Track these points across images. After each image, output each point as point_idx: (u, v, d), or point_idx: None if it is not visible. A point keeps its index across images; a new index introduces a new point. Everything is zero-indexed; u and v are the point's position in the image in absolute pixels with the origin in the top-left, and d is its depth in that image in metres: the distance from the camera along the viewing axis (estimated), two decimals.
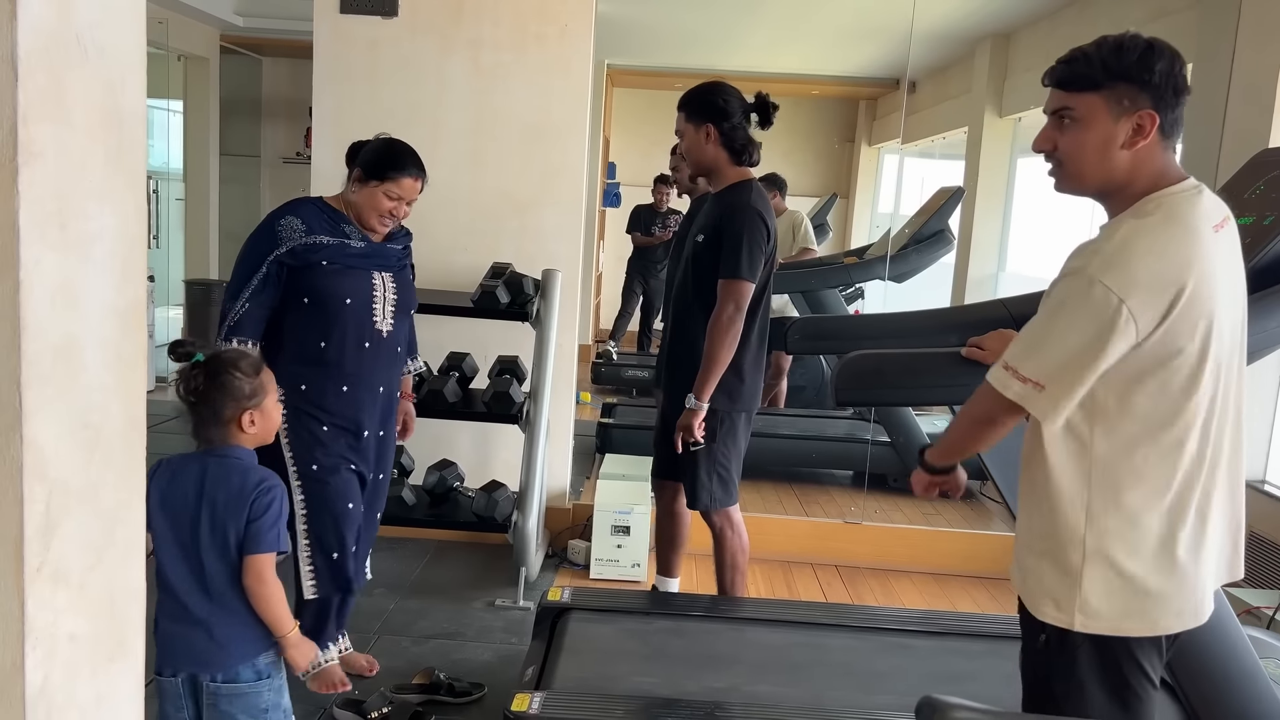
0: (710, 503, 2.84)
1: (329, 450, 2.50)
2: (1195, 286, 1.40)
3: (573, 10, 3.65)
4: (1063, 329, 1.45)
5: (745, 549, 2.94)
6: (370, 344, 2.51)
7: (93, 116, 1.01)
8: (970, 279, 6.01)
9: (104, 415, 1.07)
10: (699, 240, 2.77)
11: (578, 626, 2.54)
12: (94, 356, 1.05)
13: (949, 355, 1.86)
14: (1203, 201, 1.48)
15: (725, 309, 2.66)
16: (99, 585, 1.08)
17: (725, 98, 2.75)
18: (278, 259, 2.43)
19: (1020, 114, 5.94)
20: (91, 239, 1.02)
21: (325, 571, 2.52)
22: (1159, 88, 1.45)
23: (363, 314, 2.49)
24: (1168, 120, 1.47)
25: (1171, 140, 1.51)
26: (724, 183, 2.79)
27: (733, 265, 2.65)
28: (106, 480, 1.09)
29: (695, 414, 2.71)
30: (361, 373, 2.51)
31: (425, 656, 2.88)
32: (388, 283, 2.56)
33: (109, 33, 1.03)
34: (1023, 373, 1.48)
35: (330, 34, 3.64)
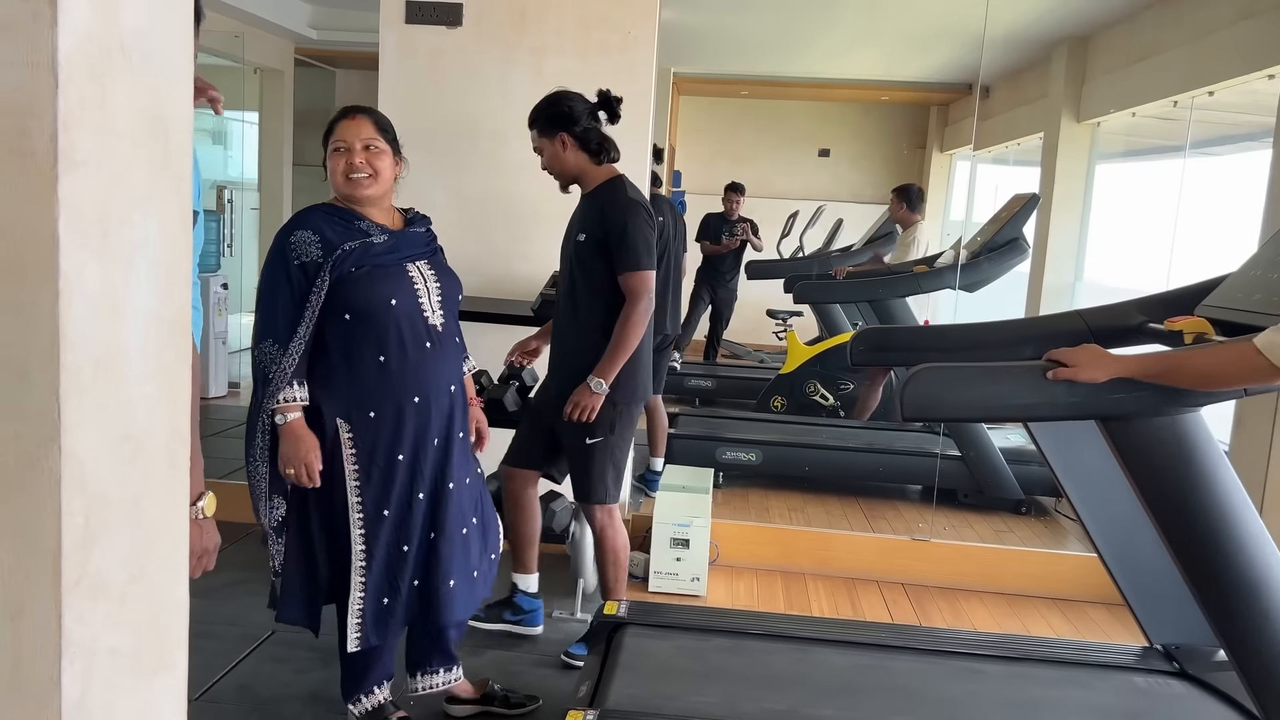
0: (604, 497, 2.87)
1: (394, 481, 2.29)
2: None
3: (636, 17, 3.62)
4: None
5: (626, 545, 2.99)
6: (432, 343, 2.31)
7: (137, 124, 1.00)
8: (1046, 288, 5.83)
9: (147, 427, 1.06)
10: (580, 240, 2.82)
11: (634, 642, 2.50)
12: (137, 367, 1.03)
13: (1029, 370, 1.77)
14: None
15: (640, 302, 2.75)
16: (141, 598, 1.07)
17: (569, 104, 2.83)
18: (320, 280, 2.22)
19: (1099, 119, 5.75)
20: (135, 247, 1.01)
21: (373, 619, 2.31)
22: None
23: (413, 313, 2.28)
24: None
25: None
26: (593, 183, 2.86)
27: (632, 259, 2.73)
28: (149, 492, 1.07)
29: (598, 396, 2.75)
30: (431, 378, 2.31)
31: (481, 668, 2.86)
32: (425, 271, 2.35)
33: (155, 40, 1.01)
34: None
35: (395, 45, 3.67)
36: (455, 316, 2.45)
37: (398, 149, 2.38)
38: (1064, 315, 2.55)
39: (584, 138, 2.83)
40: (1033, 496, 4.67)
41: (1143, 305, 2.44)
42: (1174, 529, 2.02)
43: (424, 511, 2.33)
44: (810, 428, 5.23)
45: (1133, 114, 5.40)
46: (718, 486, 4.59)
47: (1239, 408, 3.47)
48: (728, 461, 4.75)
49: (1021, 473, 4.54)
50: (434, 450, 2.34)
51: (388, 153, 2.33)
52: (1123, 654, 2.62)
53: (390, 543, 2.30)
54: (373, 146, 2.30)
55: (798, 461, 4.83)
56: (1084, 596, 3.75)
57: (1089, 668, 2.54)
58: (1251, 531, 1.89)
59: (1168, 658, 2.52)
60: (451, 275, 2.45)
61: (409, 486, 2.30)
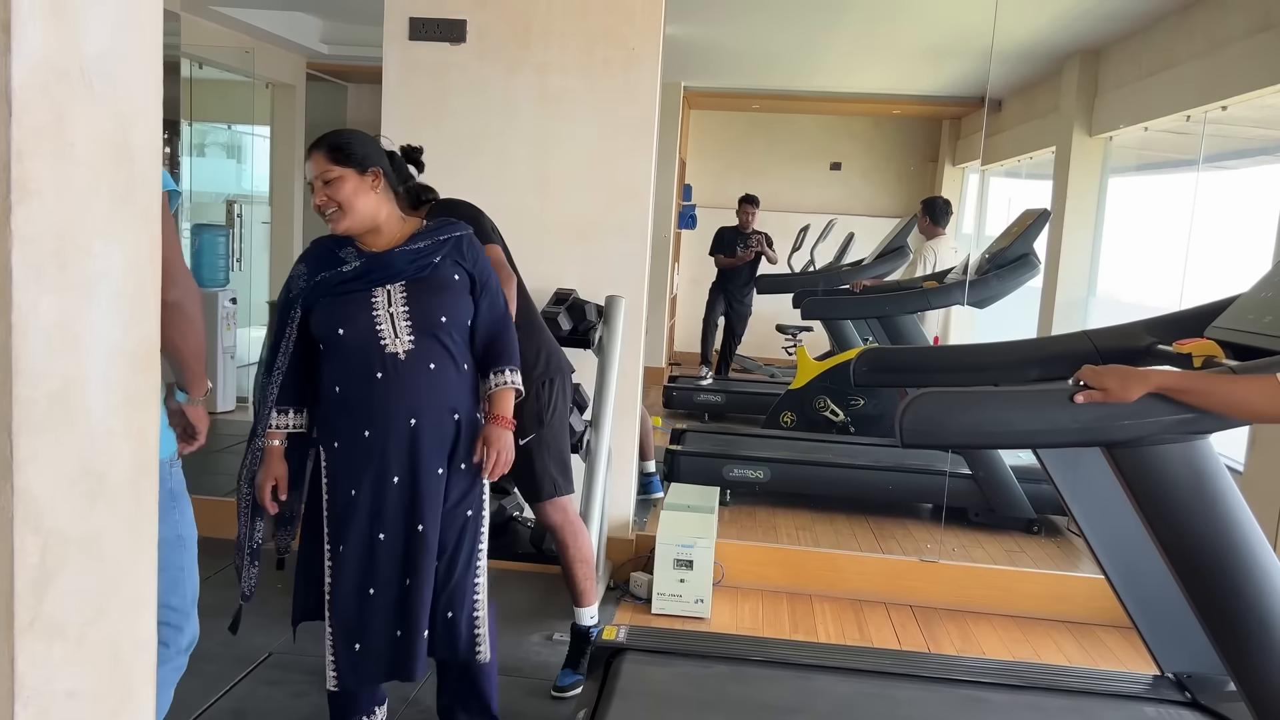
0: (554, 490, 2.81)
1: (350, 519, 2.20)
2: None
3: (640, 34, 3.60)
4: None
5: (589, 539, 2.91)
6: (383, 373, 2.15)
7: (99, 151, 0.97)
8: (1058, 304, 5.76)
9: (109, 461, 1.03)
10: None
11: (633, 668, 2.45)
12: (98, 400, 1.00)
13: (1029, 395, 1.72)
14: None
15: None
16: (101, 638, 1.04)
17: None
18: (292, 313, 2.24)
19: (1112, 133, 5.69)
20: (96, 278, 0.98)
21: (346, 664, 2.22)
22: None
23: (364, 341, 2.14)
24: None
25: None
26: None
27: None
28: (111, 529, 1.04)
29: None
30: (380, 411, 2.16)
31: None
32: (395, 295, 2.16)
33: (119, 64, 0.99)
34: None
35: (399, 61, 3.66)
36: (442, 338, 2.20)
37: (361, 163, 2.17)
38: (1070, 336, 2.50)
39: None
40: (1045, 516, 4.60)
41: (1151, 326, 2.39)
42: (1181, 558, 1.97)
43: (391, 555, 2.18)
44: (819, 445, 5.18)
45: (1145, 128, 5.34)
46: (724, 504, 4.54)
47: (1254, 429, 3.41)
48: (735, 479, 4.70)
49: (1033, 491, 4.47)
50: (394, 489, 2.18)
51: (347, 176, 2.15)
52: (1133, 683, 2.56)
53: (352, 582, 2.20)
54: (330, 179, 2.15)
55: (806, 479, 4.78)
56: (1096, 620, 3.68)
57: (1098, 697, 2.48)
58: (1261, 563, 1.83)
59: (1179, 687, 2.46)
60: (440, 291, 2.20)
61: (367, 526, 2.18)
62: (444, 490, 2.23)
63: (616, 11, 3.59)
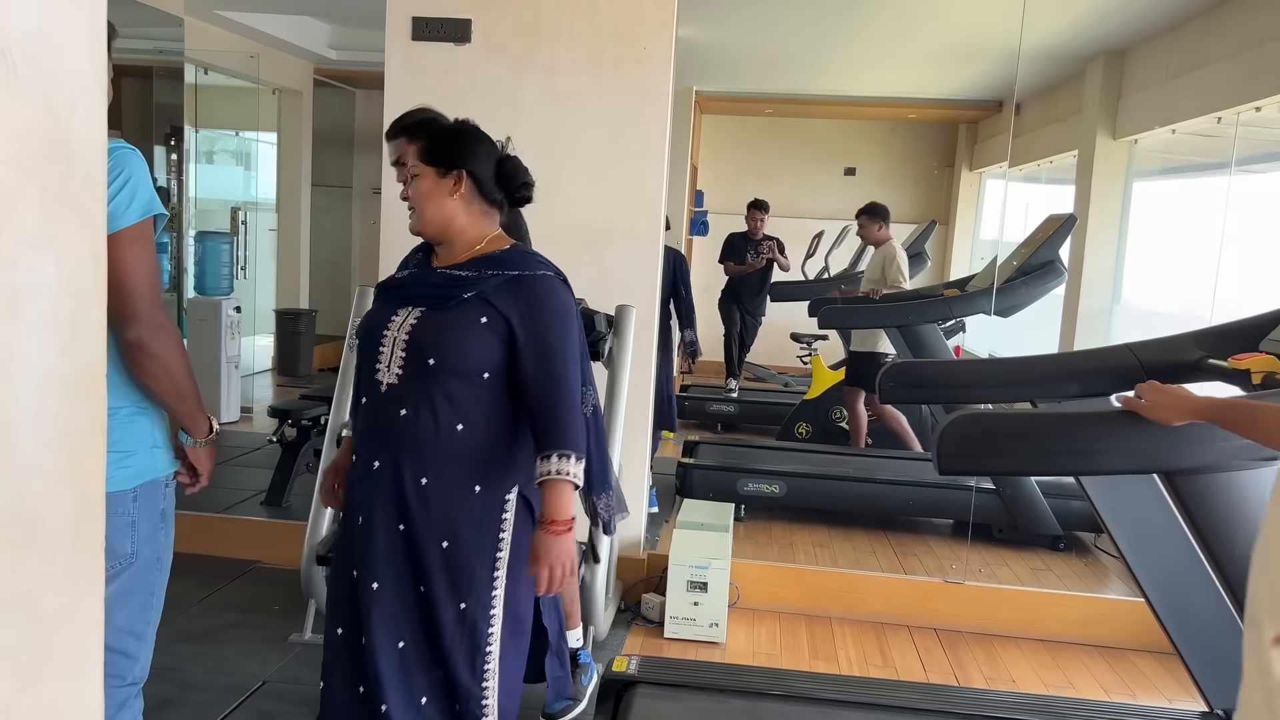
0: None
1: (341, 547, 1.97)
2: None
3: (652, 33, 3.46)
4: None
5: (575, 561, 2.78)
6: (367, 399, 1.90)
7: (25, 147, 0.83)
8: (1081, 312, 5.60)
9: (43, 505, 0.89)
10: None
11: (645, 704, 2.31)
12: (29, 436, 0.87)
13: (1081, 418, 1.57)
14: None
15: None
16: (35, 710, 0.90)
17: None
18: None
19: (1137, 135, 5.53)
20: (22, 295, 0.84)
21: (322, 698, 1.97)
22: None
23: (367, 359, 1.90)
24: None
25: None
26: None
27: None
28: (45, 584, 0.90)
29: None
30: (368, 444, 1.91)
31: None
32: (409, 319, 1.88)
33: (49, 45, 0.85)
34: None
35: (402, 62, 3.53)
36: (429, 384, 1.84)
37: (445, 161, 1.89)
38: (1112, 349, 2.34)
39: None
40: (1071, 532, 4.43)
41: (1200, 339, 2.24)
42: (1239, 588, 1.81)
43: (354, 601, 1.89)
44: (836, 457, 5.02)
45: (1173, 130, 5.18)
46: (739, 519, 4.39)
47: None
48: (750, 493, 4.55)
49: (1059, 507, 4.31)
50: (359, 530, 1.90)
51: (424, 174, 1.90)
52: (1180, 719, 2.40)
53: (330, 614, 1.97)
54: (412, 173, 1.92)
55: (824, 494, 4.62)
56: (1129, 644, 3.51)
57: None
58: None
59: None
60: (456, 331, 1.85)
61: (345, 560, 1.93)
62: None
63: (627, 9, 3.46)
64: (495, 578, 1.88)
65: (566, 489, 1.82)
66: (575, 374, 1.89)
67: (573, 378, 1.88)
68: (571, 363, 1.88)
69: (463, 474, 1.86)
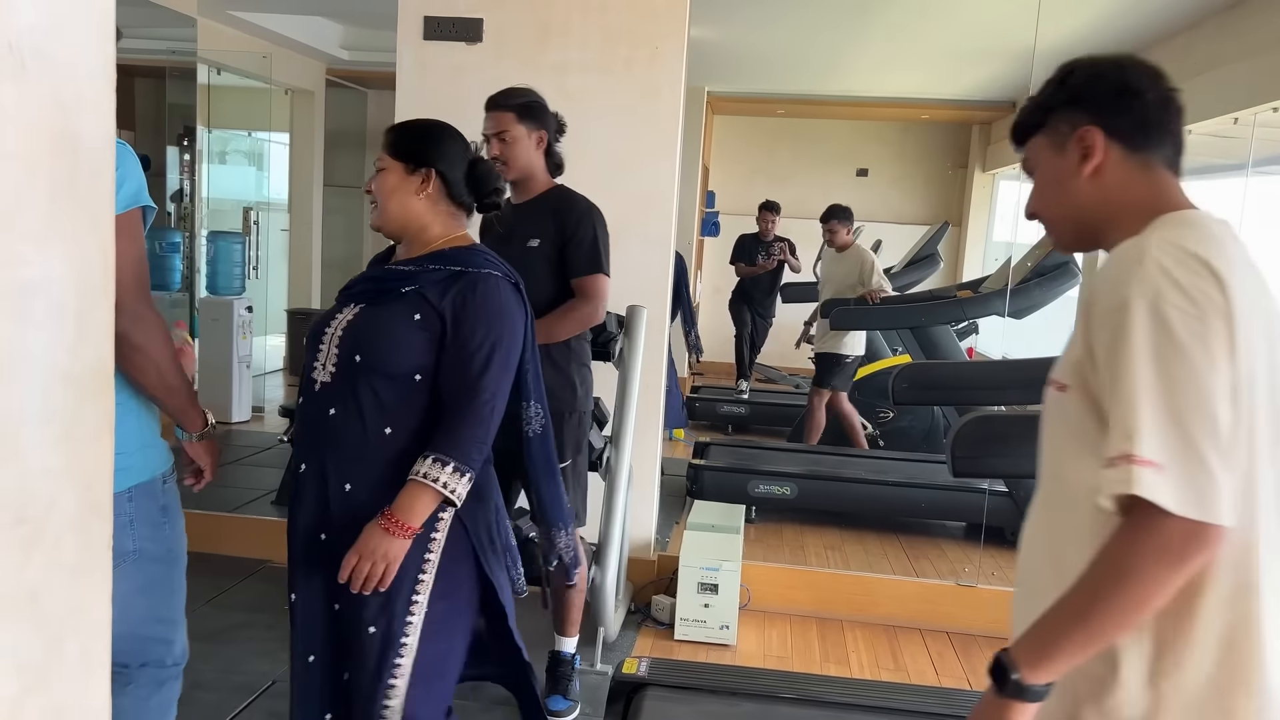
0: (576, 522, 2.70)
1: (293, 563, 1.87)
2: None
3: (664, 32, 3.45)
4: None
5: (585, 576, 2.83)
6: (303, 398, 1.81)
7: (33, 142, 0.82)
8: None
9: (48, 505, 0.88)
10: (532, 245, 2.65)
11: (655, 705, 2.29)
12: (34, 435, 0.86)
13: None
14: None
15: (593, 302, 2.67)
16: (40, 712, 0.89)
17: (549, 108, 2.74)
18: None
19: None
20: (29, 292, 0.83)
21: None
22: (1087, 98, 1.22)
23: (308, 357, 1.80)
24: (1120, 127, 1.20)
25: (1148, 152, 1.21)
26: (539, 189, 2.72)
27: (595, 261, 2.66)
28: (52, 584, 0.89)
29: None
30: (300, 444, 1.83)
31: None
32: (350, 317, 1.78)
33: (57, 38, 0.84)
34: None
35: (413, 61, 3.53)
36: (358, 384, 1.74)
37: (414, 157, 1.82)
38: None
39: (552, 145, 2.74)
40: None
41: None
42: None
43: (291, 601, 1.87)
44: (848, 459, 4.99)
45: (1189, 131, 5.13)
46: (750, 521, 4.37)
47: None
48: (761, 495, 4.53)
49: None
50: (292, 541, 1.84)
51: (390, 169, 1.83)
52: None
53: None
54: (378, 166, 1.85)
55: (835, 496, 4.59)
56: None
57: None
58: None
59: None
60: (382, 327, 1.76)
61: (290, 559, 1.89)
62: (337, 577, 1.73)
63: (639, 9, 3.44)
64: (414, 602, 1.73)
65: (428, 497, 1.68)
66: (496, 382, 1.73)
67: (490, 384, 1.72)
68: (494, 369, 1.73)
69: (390, 483, 1.71)
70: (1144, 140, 1.20)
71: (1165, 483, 1.01)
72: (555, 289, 2.66)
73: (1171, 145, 1.21)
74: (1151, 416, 1.02)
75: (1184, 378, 1.03)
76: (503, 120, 2.64)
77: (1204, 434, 1.02)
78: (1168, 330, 1.04)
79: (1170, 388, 1.03)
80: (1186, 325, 1.04)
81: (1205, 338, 1.04)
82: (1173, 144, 1.21)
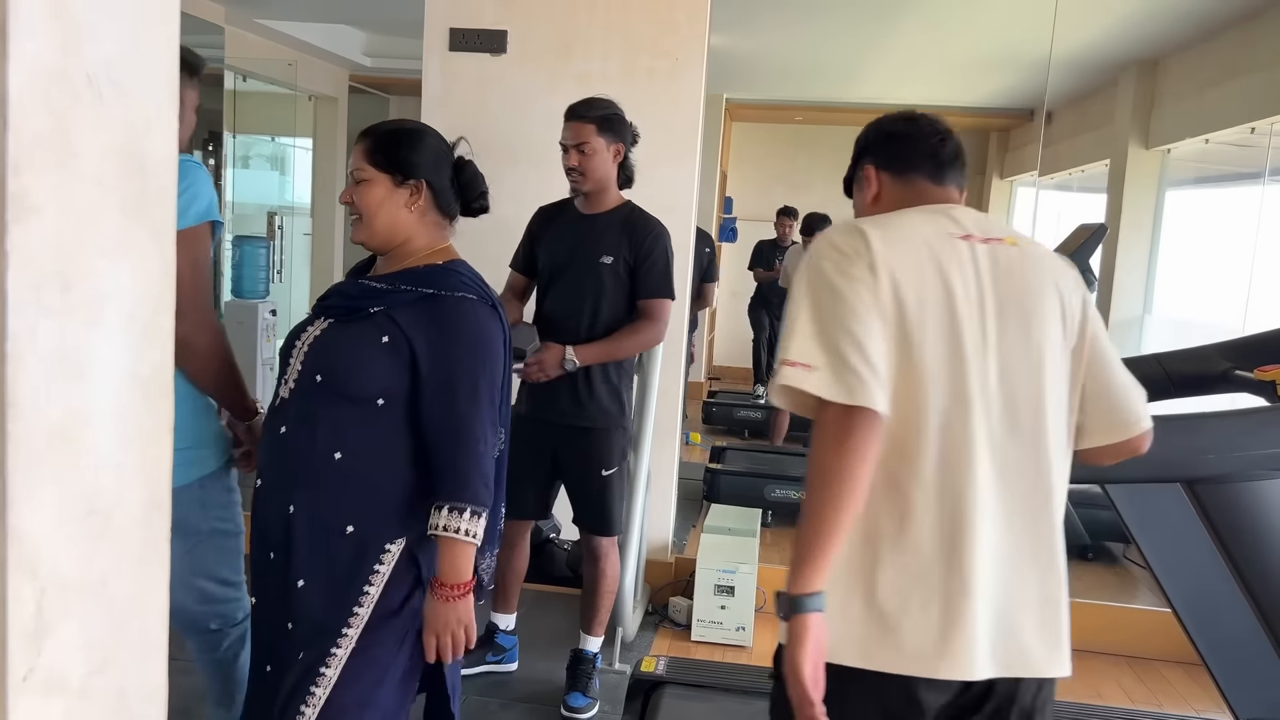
0: (619, 528, 2.83)
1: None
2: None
3: (684, 43, 3.51)
4: None
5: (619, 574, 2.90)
6: (268, 412, 1.73)
7: (107, 164, 0.90)
8: (1113, 322, 5.58)
9: (116, 498, 0.95)
10: (606, 262, 2.68)
11: (673, 703, 2.35)
12: (105, 433, 0.93)
13: None
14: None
15: (659, 326, 2.72)
16: (107, 690, 0.96)
17: (628, 122, 2.77)
18: None
19: (1170, 145, 5.50)
20: (102, 300, 0.91)
21: None
22: (867, 147, 1.58)
23: (279, 370, 1.72)
24: (884, 161, 1.53)
25: (908, 173, 1.50)
26: (610, 204, 2.75)
27: (665, 285, 2.72)
28: (119, 571, 0.96)
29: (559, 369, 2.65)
30: (261, 458, 1.74)
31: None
32: (317, 333, 1.69)
33: (129, 70, 0.92)
34: None
35: (439, 71, 3.61)
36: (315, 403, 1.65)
37: (401, 168, 1.70)
38: (1139, 360, 2.36)
39: (627, 157, 2.77)
40: (1100, 542, 4.42)
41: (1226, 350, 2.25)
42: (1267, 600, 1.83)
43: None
44: None
45: (1206, 140, 5.16)
46: (765, 525, 4.42)
47: None
48: (777, 500, 4.58)
49: (1087, 517, 4.30)
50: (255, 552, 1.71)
51: (375, 181, 1.70)
52: None
53: None
54: (359, 177, 1.72)
55: None
56: (1157, 655, 3.51)
57: None
58: None
59: None
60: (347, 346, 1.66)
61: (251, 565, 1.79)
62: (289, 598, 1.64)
63: (660, 22, 3.51)
64: (343, 635, 1.61)
65: (462, 549, 1.60)
66: (483, 415, 1.64)
67: (480, 423, 1.63)
68: (481, 403, 1.64)
69: (334, 510, 1.63)
70: (903, 166, 1.51)
71: (816, 379, 1.26)
72: (623, 306, 2.71)
73: (932, 163, 1.50)
74: (802, 331, 1.31)
75: (828, 302, 1.32)
76: (583, 132, 2.66)
77: (846, 341, 1.28)
78: (820, 273, 1.35)
79: (818, 312, 1.31)
80: (834, 267, 1.34)
81: (848, 274, 1.33)
82: (933, 162, 1.50)
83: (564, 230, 2.77)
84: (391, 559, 1.64)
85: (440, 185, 1.74)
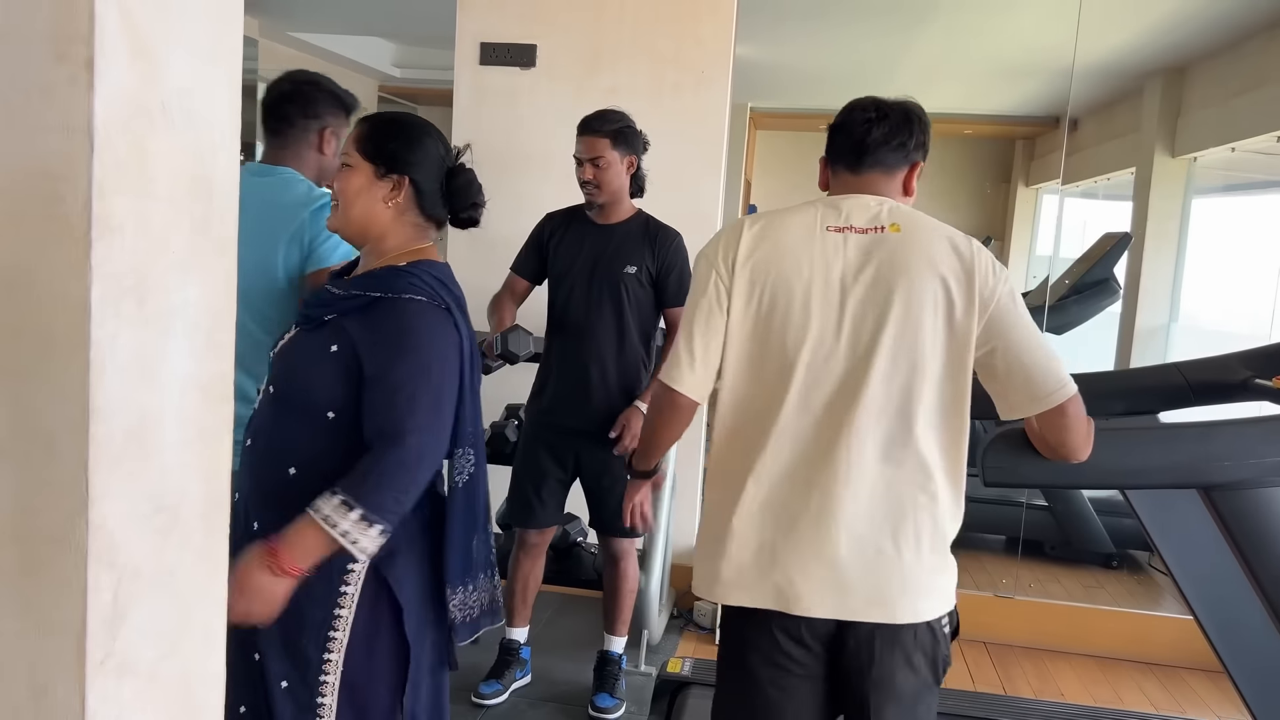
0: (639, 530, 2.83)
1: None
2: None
3: (710, 58, 3.58)
4: None
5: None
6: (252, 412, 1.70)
7: (179, 186, 0.97)
8: (1138, 330, 5.57)
9: (182, 495, 1.02)
10: (630, 272, 2.74)
11: (698, 704, 2.39)
12: (172, 435, 1.00)
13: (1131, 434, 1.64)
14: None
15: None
16: (172, 675, 1.03)
17: (641, 133, 2.85)
18: None
19: (1196, 153, 5.50)
20: (172, 312, 0.98)
21: None
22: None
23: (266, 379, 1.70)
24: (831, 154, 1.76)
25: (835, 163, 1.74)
26: (624, 214, 2.82)
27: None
28: (184, 563, 1.03)
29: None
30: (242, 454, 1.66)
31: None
32: (283, 341, 1.67)
33: (199, 99, 0.99)
34: None
35: (470, 85, 3.69)
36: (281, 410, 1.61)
37: (387, 161, 1.63)
38: (1159, 368, 2.39)
39: (639, 169, 2.83)
40: (1125, 550, 4.43)
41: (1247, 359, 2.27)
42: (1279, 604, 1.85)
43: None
44: None
45: (1232, 148, 5.15)
46: None
47: None
48: None
49: (1113, 525, 4.31)
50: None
51: (358, 169, 1.64)
52: None
53: None
54: (344, 162, 1.66)
55: None
56: (1181, 662, 3.52)
57: None
58: None
59: None
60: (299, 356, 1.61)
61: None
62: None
63: (686, 35, 3.58)
64: (326, 660, 1.56)
65: (314, 534, 1.47)
66: (424, 426, 1.52)
67: (415, 429, 1.51)
68: (419, 413, 1.52)
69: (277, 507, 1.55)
70: (834, 157, 1.74)
71: (664, 365, 1.70)
72: (649, 314, 2.81)
73: (852, 154, 1.69)
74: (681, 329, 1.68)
75: (689, 295, 1.69)
76: (597, 146, 2.73)
77: (683, 335, 1.66)
78: (694, 267, 1.72)
79: (685, 310, 1.70)
80: (704, 262, 1.67)
81: (697, 275, 1.67)
82: (853, 153, 1.69)
83: (581, 239, 2.82)
84: (356, 581, 1.56)
85: (427, 187, 1.66)
